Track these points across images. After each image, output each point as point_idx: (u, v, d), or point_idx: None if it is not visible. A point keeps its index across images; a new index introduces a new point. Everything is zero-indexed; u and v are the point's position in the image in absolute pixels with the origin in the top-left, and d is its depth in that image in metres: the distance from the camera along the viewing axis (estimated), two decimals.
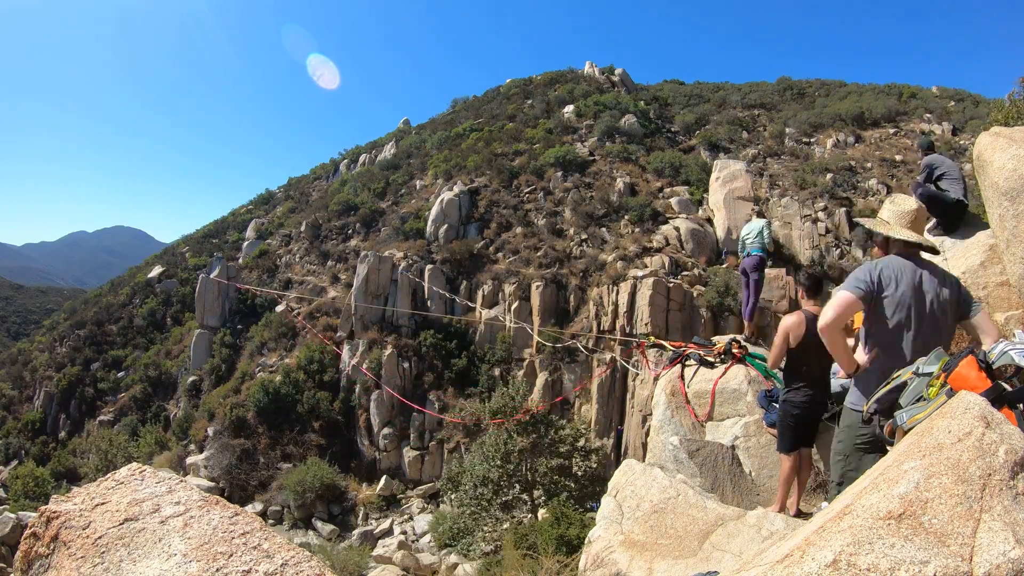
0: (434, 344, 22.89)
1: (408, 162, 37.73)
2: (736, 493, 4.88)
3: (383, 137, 47.94)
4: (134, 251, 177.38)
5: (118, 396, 30.44)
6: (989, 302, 4.23)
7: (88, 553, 1.88)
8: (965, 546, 1.17)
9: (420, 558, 15.04)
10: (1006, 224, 3.88)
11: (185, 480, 2.34)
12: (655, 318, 19.35)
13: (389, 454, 21.32)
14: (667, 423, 5.74)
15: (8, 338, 61.50)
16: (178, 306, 35.25)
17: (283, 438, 21.71)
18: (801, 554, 1.28)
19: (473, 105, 44.99)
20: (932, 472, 1.32)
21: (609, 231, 24.73)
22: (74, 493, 2.19)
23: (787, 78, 47.53)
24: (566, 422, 16.01)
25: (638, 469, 4.33)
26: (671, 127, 38.96)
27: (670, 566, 3.20)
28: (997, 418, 1.43)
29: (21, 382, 35.43)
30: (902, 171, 30.48)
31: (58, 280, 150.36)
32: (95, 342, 34.79)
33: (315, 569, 1.93)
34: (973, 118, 33.10)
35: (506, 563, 7.72)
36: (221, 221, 47.62)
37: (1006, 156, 3.86)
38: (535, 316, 22.31)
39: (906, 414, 1.99)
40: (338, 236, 32.14)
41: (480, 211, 27.49)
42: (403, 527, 18.08)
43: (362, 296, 23.89)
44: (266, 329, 26.96)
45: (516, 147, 32.01)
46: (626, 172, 28.34)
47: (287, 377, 23.07)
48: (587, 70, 44.56)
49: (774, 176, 31.26)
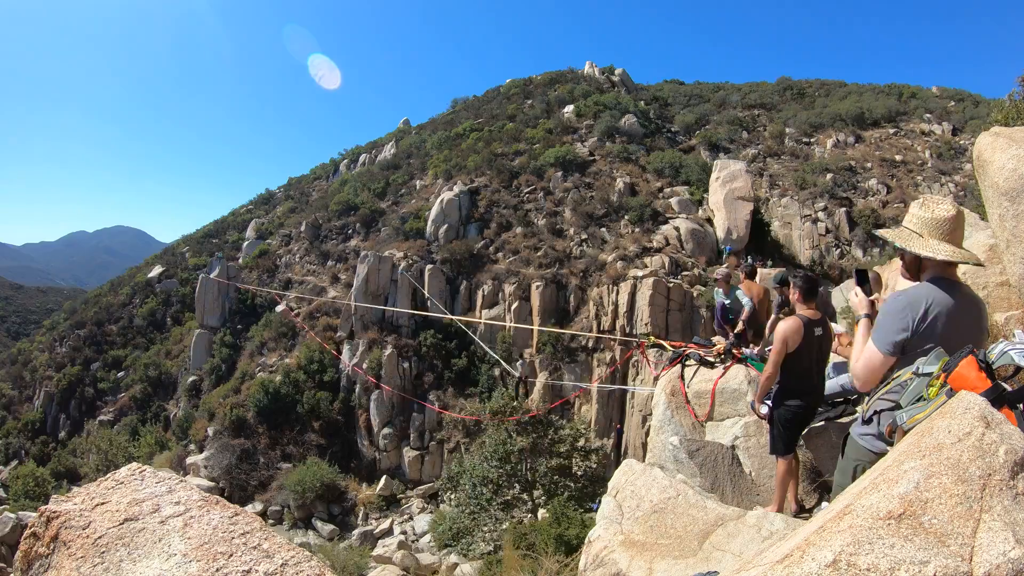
0: (434, 344, 22.90)
1: (408, 162, 37.74)
2: (736, 493, 4.88)
3: (383, 137, 47.95)
4: (134, 251, 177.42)
5: (118, 396, 30.45)
6: (989, 302, 4.23)
7: (88, 553, 1.88)
8: (965, 546, 1.17)
9: (420, 558, 15.05)
10: (1006, 224, 3.88)
11: (185, 480, 2.34)
12: (655, 318, 19.36)
13: (389, 454, 21.32)
14: (667, 423, 5.74)
15: (8, 338, 61.51)
16: (178, 306, 35.26)
17: (283, 438, 21.72)
18: (801, 554, 1.28)
19: (473, 105, 44.99)
20: (932, 472, 1.32)
21: (609, 231, 24.73)
22: (74, 493, 2.19)
23: (787, 78, 47.55)
24: (566, 422, 16.01)
25: (638, 469, 4.33)
26: (671, 127, 38.97)
27: (670, 566, 3.20)
28: (997, 418, 1.43)
29: (21, 382, 35.44)
30: (902, 171, 30.50)
31: (58, 280, 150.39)
32: (95, 342, 34.80)
33: (315, 569, 1.93)
34: (973, 118, 33.10)
35: (506, 563, 7.72)
36: (221, 221, 47.65)
37: (1006, 156, 3.86)
38: (535, 316, 22.31)
39: (906, 414, 1.99)
40: (338, 236, 32.14)
41: (480, 211, 27.49)
42: (403, 527, 18.08)
43: (362, 296, 23.89)
44: (266, 329, 26.96)
45: (516, 147, 32.01)
46: (626, 172, 28.34)
47: (287, 377, 23.08)
48: (587, 70, 44.57)
49: (774, 176, 31.27)
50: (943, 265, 2.40)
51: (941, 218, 2.39)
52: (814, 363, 4.28)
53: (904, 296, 2.44)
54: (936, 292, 2.37)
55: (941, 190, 28.01)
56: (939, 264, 2.40)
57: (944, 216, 2.39)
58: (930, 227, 2.40)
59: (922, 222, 2.43)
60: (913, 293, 2.43)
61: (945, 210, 2.41)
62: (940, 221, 2.39)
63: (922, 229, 2.43)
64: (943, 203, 2.45)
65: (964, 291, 2.45)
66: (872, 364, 2.41)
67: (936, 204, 2.45)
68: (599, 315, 21.27)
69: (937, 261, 2.38)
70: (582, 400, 20.28)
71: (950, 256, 2.34)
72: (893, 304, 2.44)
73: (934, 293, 2.37)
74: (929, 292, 2.38)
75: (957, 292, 2.39)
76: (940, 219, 2.39)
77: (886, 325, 2.41)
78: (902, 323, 2.36)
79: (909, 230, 2.47)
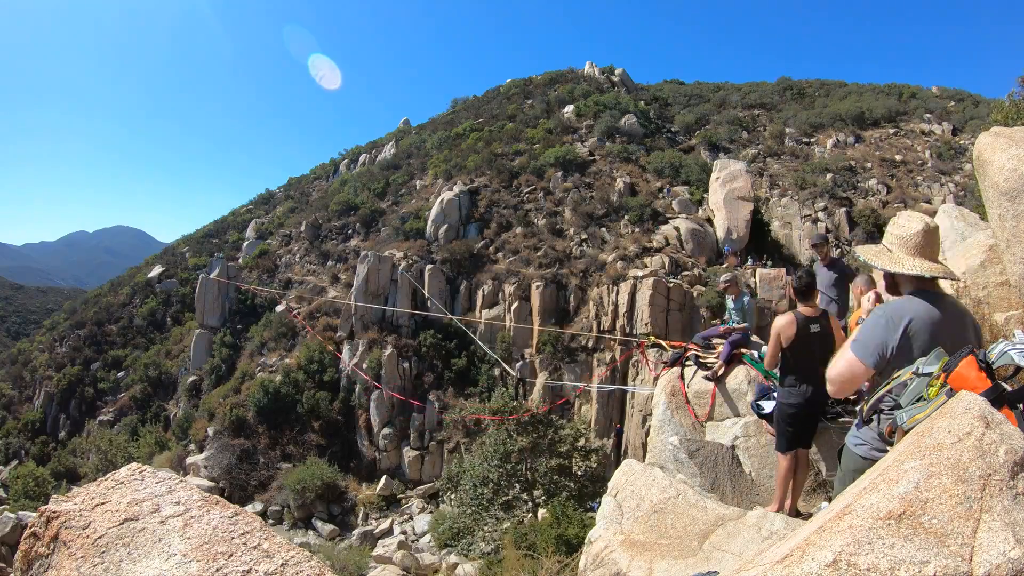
0: (434, 344, 22.89)
1: (408, 162, 37.74)
2: (736, 493, 4.88)
3: (383, 137, 47.97)
4: (134, 251, 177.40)
5: (118, 396, 30.45)
6: (989, 302, 4.23)
7: (88, 553, 1.88)
8: (965, 546, 1.17)
9: (420, 558, 15.04)
10: (1006, 224, 3.88)
11: (185, 480, 2.34)
12: (655, 318, 19.35)
13: (389, 454, 21.32)
14: (667, 423, 5.74)
15: (8, 338, 61.53)
16: (178, 306, 35.26)
17: (283, 438, 21.72)
18: (801, 554, 1.28)
19: (473, 105, 45.00)
20: (932, 472, 1.32)
21: (609, 231, 24.73)
22: (74, 493, 2.19)
23: (787, 78, 47.58)
24: (566, 422, 16.01)
25: (638, 469, 4.33)
26: (671, 127, 38.98)
27: (670, 566, 3.20)
28: (997, 418, 1.43)
29: (21, 382, 35.45)
30: (902, 171, 30.50)
31: (58, 280, 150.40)
32: (95, 342, 34.80)
33: (315, 569, 1.93)
34: (973, 118, 33.12)
35: (506, 563, 7.72)
36: (221, 221, 47.67)
37: (1006, 156, 3.86)
38: (535, 316, 22.31)
39: (906, 414, 1.99)
40: (338, 236, 32.15)
41: (480, 211, 27.49)
42: (403, 527, 18.08)
43: (362, 296, 23.89)
44: (266, 329, 26.96)
45: (516, 147, 32.02)
46: (626, 172, 28.35)
47: (287, 377, 23.08)
48: (587, 70, 44.58)
49: (774, 176, 31.27)
50: (918, 279, 2.42)
51: (909, 233, 2.43)
52: (813, 360, 4.28)
53: (885, 309, 2.47)
54: (917, 305, 2.38)
55: (941, 190, 28.01)
56: (912, 279, 2.43)
57: (911, 232, 2.43)
58: (899, 243, 2.46)
59: (892, 238, 2.49)
60: (894, 306, 2.46)
61: (913, 226, 2.44)
62: (908, 236, 2.43)
63: (892, 245, 2.48)
64: (913, 218, 2.49)
65: (948, 303, 2.45)
66: (849, 373, 2.43)
67: (906, 220, 2.49)
68: (599, 315, 21.27)
69: (909, 276, 2.42)
70: (582, 400, 20.29)
71: (918, 271, 2.37)
72: (874, 317, 2.48)
73: (914, 306, 2.38)
74: (909, 305, 2.40)
75: (940, 304, 2.39)
76: (908, 235, 2.43)
77: (866, 337, 2.43)
78: (882, 335, 2.37)
79: (884, 249, 2.52)
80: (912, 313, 2.36)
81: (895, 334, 2.35)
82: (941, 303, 2.41)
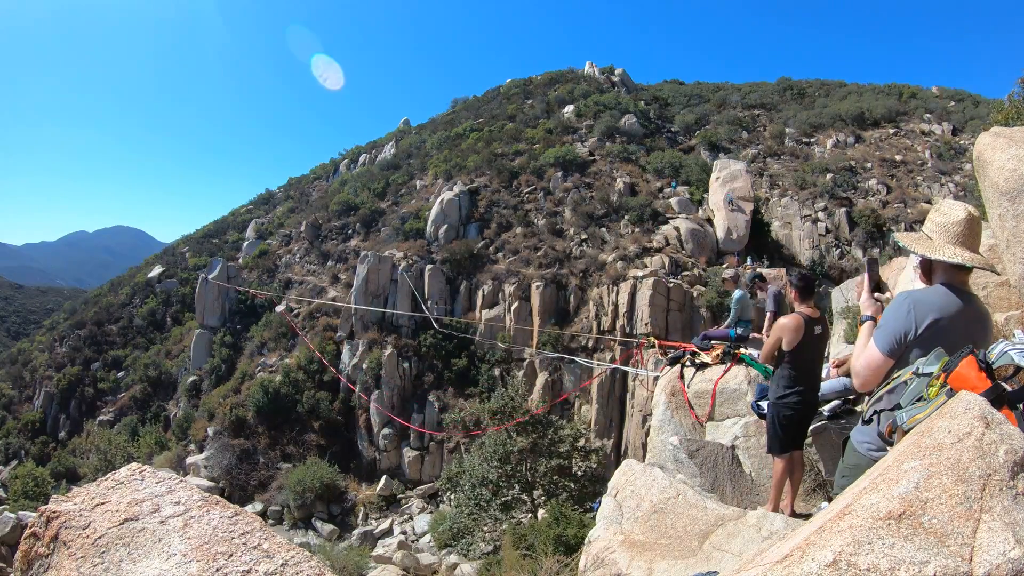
0: (434, 344, 22.89)
1: (408, 162, 37.75)
2: (736, 493, 4.88)
3: (383, 137, 47.97)
4: (134, 251, 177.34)
5: (118, 396, 30.44)
6: (989, 302, 4.22)
7: (88, 553, 1.88)
8: (965, 546, 1.17)
9: (420, 558, 15.03)
10: (1006, 224, 3.88)
11: (185, 480, 2.34)
12: (655, 318, 19.35)
13: (389, 454, 21.32)
14: (667, 423, 5.74)
15: (8, 338, 61.51)
16: (178, 306, 35.25)
17: (283, 438, 21.72)
18: (801, 554, 1.28)
19: (473, 105, 45.00)
20: (932, 472, 1.32)
21: (609, 231, 24.73)
22: (74, 493, 2.19)
23: (787, 78, 47.56)
24: (566, 422, 16.00)
25: (638, 469, 4.33)
26: (671, 127, 38.98)
27: (670, 566, 3.20)
28: (997, 418, 1.43)
29: (21, 382, 35.42)
30: (902, 171, 30.50)
31: (58, 280, 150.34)
32: (95, 342, 34.79)
33: (315, 569, 1.93)
34: (973, 118, 33.12)
35: (506, 563, 7.72)
36: (221, 221, 47.66)
37: (1006, 156, 3.85)
38: (535, 316, 22.31)
39: (906, 414, 1.98)
40: (338, 236, 32.15)
41: (480, 211, 27.49)
42: (403, 527, 18.08)
43: (362, 296, 23.89)
44: (266, 329, 26.97)
45: (516, 147, 32.03)
46: (626, 172, 28.35)
47: (287, 377, 23.08)
48: (587, 70, 44.58)
49: (774, 176, 31.28)
50: (952, 271, 2.34)
51: (951, 221, 2.35)
52: (814, 362, 4.28)
53: (909, 297, 2.39)
54: (943, 297, 2.32)
55: (941, 190, 28.01)
56: (948, 269, 2.34)
57: (954, 219, 2.35)
58: (940, 230, 2.37)
59: (933, 225, 2.40)
60: (919, 295, 2.39)
61: (956, 213, 2.36)
62: (950, 224, 2.35)
63: (933, 232, 2.40)
64: (956, 206, 2.39)
65: (973, 301, 2.37)
66: (872, 364, 2.38)
67: (949, 207, 2.40)
68: (599, 315, 21.27)
69: (946, 265, 2.33)
70: (582, 400, 20.29)
71: (952, 258, 2.28)
72: (897, 305, 2.40)
73: (939, 297, 2.32)
74: (938, 301, 2.32)
75: (965, 300, 2.33)
76: (950, 222, 2.35)
77: (888, 325, 2.37)
78: (904, 324, 2.31)
79: (924, 235, 2.44)
80: (941, 312, 2.29)
81: (919, 325, 2.28)
82: (966, 298, 2.34)
